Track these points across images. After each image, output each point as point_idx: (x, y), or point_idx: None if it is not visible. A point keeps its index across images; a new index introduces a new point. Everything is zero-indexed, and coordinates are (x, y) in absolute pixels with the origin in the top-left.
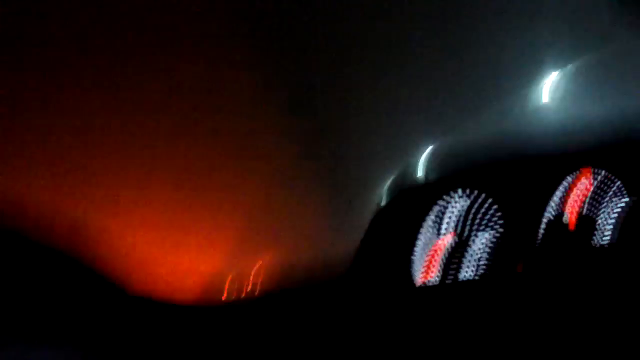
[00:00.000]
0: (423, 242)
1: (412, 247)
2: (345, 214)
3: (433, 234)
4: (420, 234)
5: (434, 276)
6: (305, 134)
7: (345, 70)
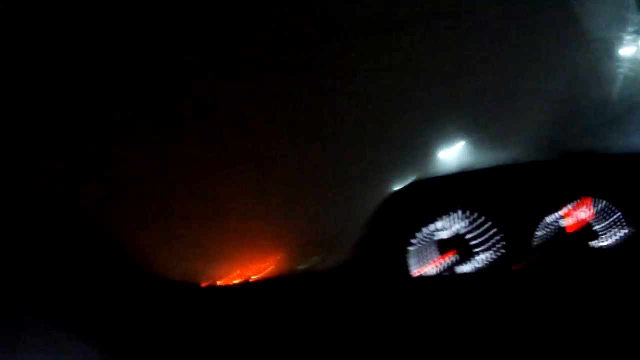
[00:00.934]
0: (423, 243)
1: (411, 239)
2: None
3: (432, 248)
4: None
5: (430, 270)
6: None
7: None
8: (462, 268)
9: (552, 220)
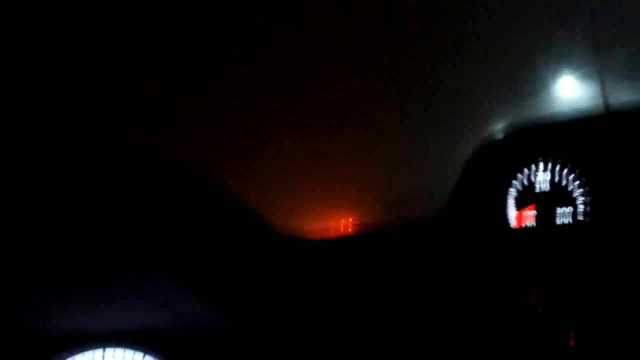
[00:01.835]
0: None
1: (507, 190)
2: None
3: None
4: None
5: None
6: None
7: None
8: (562, 219)
9: None
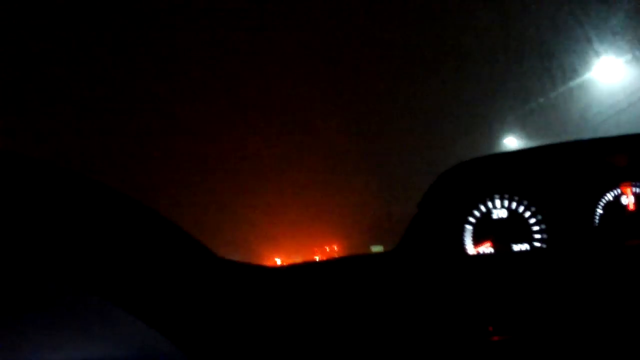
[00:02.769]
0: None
1: (467, 217)
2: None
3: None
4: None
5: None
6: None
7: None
8: (519, 247)
9: (613, 198)
